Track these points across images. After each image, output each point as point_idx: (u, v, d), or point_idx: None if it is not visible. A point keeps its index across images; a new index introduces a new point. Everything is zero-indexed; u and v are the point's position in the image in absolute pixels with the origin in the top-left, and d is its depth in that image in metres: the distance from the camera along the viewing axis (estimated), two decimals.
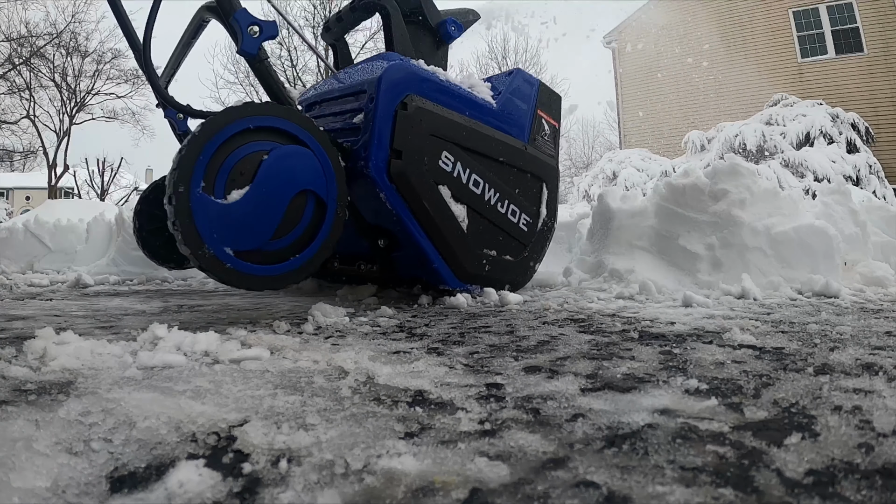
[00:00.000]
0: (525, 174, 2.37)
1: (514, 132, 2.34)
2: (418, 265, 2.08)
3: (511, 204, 2.29)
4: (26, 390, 0.81)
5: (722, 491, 0.50)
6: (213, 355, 1.04)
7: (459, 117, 2.10)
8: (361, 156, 1.87)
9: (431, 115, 2.01)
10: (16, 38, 18.86)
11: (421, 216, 1.98)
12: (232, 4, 1.75)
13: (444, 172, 2.04)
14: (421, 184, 1.96)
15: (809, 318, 1.60)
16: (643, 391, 0.83)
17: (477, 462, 0.57)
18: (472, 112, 2.17)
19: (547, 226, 2.49)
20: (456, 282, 2.14)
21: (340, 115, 2.10)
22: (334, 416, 0.71)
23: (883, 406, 0.73)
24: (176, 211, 1.38)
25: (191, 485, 0.52)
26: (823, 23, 11.84)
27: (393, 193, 1.91)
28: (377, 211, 1.97)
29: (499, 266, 2.26)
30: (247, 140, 1.53)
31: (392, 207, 1.92)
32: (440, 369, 0.97)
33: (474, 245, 2.15)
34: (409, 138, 1.93)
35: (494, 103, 2.29)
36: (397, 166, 1.90)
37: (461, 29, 2.68)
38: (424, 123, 1.98)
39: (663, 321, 1.55)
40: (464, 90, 2.20)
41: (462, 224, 2.09)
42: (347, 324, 1.51)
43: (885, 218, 3.50)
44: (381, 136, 1.89)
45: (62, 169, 22.57)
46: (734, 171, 2.69)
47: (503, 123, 2.30)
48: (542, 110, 2.52)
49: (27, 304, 2.11)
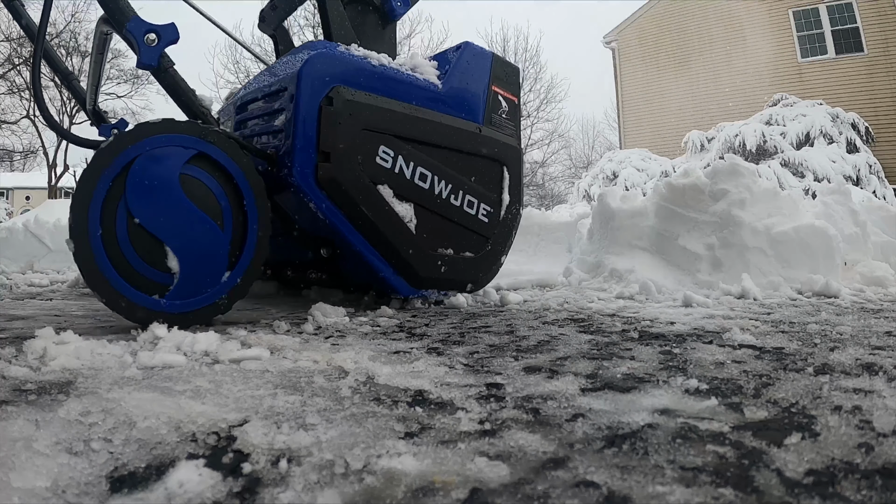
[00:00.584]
0: (481, 159, 2.14)
1: (464, 114, 2.10)
2: (365, 274, 1.93)
3: (466, 194, 2.07)
4: (26, 390, 0.81)
5: (722, 491, 0.50)
6: (213, 355, 1.04)
7: (398, 105, 1.89)
8: (286, 163, 1.68)
9: (362, 107, 1.79)
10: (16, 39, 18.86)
11: (360, 222, 1.78)
12: (124, 14, 1.59)
13: (382, 170, 1.83)
14: (356, 186, 1.76)
15: (809, 318, 1.60)
16: (643, 391, 0.83)
17: (477, 462, 0.57)
18: (412, 98, 1.94)
19: (512, 213, 2.24)
20: (409, 289, 1.97)
21: (264, 116, 1.90)
22: (334, 416, 0.71)
23: (883, 406, 0.73)
24: (75, 255, 1.33)
25: (191, 485, 0.52)
26: (823, 23, 11.84)
27: (324, 201, 1.71)
28: (312, 220, 1.79)
29: (458, 265, 2.06)
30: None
31: (325, 216, 1.73)
32: (440, 369, 0.97)
33: (426, 246, 1.95)
34: (338, 136, 1.73)
35: (440, 84, 2.05)
36: (326, 170, 1.70)
37: (408, 4, 2.41)
38: (355, 117, 1.77)
39: (663, 321, 1.55)
40: (402, 74, 1.96)
41: (409, 225, 1.89)
42: (347, 324, 1.51)
43: (885, 218, 3.50)
44: (304, 139, 1.69)
45: (62, 169, 22.58)
46: (734, 171, 2.69)
47: (451, 107, 2.06)
48: (497, 86, 2.24)
49: (27, 304, 2.11)
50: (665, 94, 13.46)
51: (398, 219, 1.86)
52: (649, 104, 13.76)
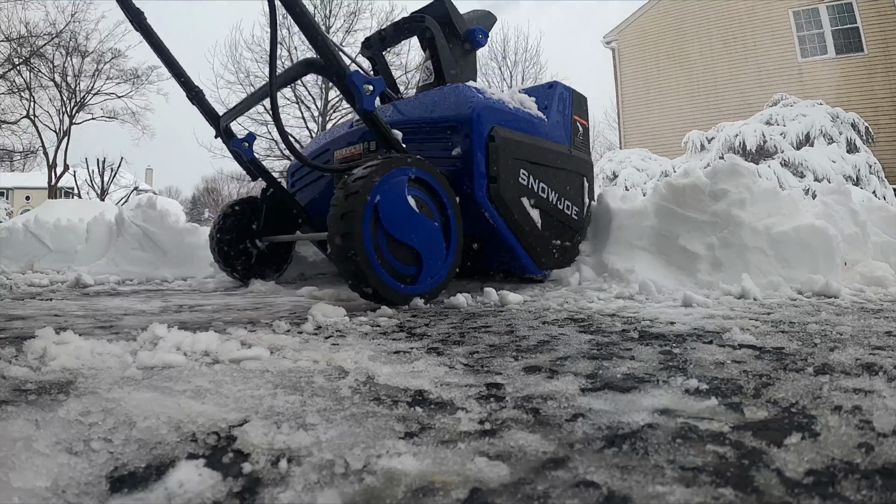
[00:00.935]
0: (571, 173, 2.80)
1: (560, 139, 2.78)
2: (507, 261, 2.61)
3: (566, 200, 2.74)
4: (26, 390, 0.81)
5: (722, 491, 0.50)
6: (213, 355, 1.04)
7: (527, 138, 2.52)
8: (466, 183, 2.30)
9: (510, 142, 2.41)
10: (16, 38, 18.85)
11: (512, 225, 2.43)
12: (343, 68, 2.02)
13: (523, 187, 2.48)
14: (511, 200, 2.41)
15: (809, 318, 1.60)
16: (643, 391, 0.83)
17: (477, 462, 0.57)
18: (532, 131, 2.58)
19: (588, 212, 2.97)
20: (537, 271, 2.64)
21: (433, 143, 2.47)
22: (334, 416, 0.71)
23: (883, 406, 0.73)
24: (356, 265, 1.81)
25: (191, 484, 0.52)
26: (823, 23, 11.84)
27: (492, 211, 2.36)
28: (474, 222, 2.36)
29: (562, 251, 2.75)
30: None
31: (493, 222, 2.38)
32: (440, 369, 0.97)
33: (547, 239, 2.61)
34: (499, 165, 2.34)
35: (545, 118, 2.71)
36: (494, 189, 2.33)
37: (487, 36, 3.00)
38: (507, 150, 2.38)
39: (663, 321, 1.55)
40: (522, 112, 2.58)
41: (538, 225, 2.54)
42: (347, 323, 1.51)
43: (885, 218, 3.50)
44: (478, 166, 2.30)
45: (62, 169, 22.58)
46: (734, 171, 2.69)
47: (553, 134, 2.73)
48: (577, 115, 2.95)
49: (27, 304, 2.11)
50: (665, 94, 13.46)
51: (533, 221, 2.53)
52: (649, 104, 13.75)
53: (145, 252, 3.87)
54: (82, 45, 21.06)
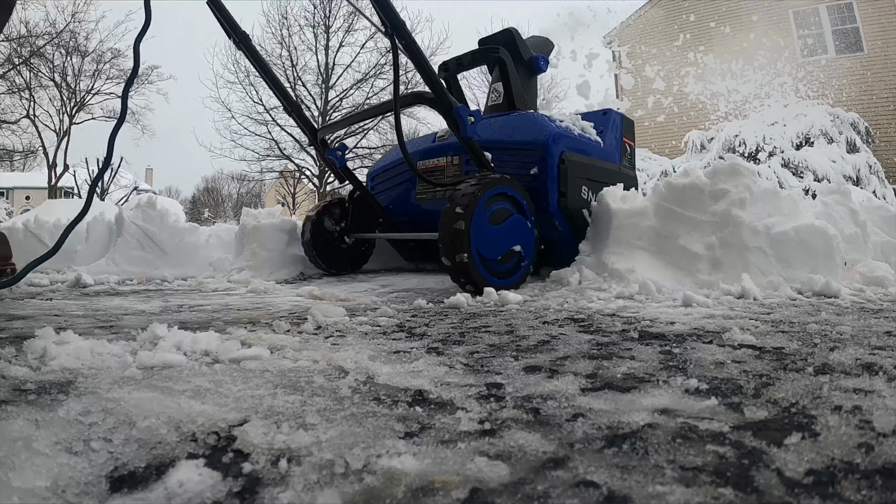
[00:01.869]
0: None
1: (612, 159, 3.22)
2: (566, 259, 2.91)
3: None
4: (26, 390, 0.81)
5: (722, 491, 0.50)
6: (212, 355, 1.04)
7: (587, 159, 2.98)
8: (542, 198, 2.76)
9: (576, 164, 2.86)
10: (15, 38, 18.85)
11: (576, 231, 2.88)
12: (451, 103, 2.45)
13: (584, 200, 2.91)
14: (576, 211, 2.86)
15: (809, 318, 1.60)
16: (643, 391, 0.83)
17: (477, 462, 0.57)
18: (592, 153, 3.04)
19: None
20: None
21: (512, 161, 2.90)
22: (334, 416, 0.71)
23: (883, 406, 0.73)
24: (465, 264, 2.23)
25: (191, 484, 0.52)
26: (823, 23, 11.85)
27: (562, 220, 2.83)
28: (544, 228, 2.75)
29: None
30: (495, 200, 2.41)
31: (562, 229, 2.86)
32: (440, 369, 0.97)
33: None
34: (568, 183, 2.80)
35: (602, 142, 3.17)
36: (563, 203, 2.80)
37: (548, 63, 3.44)
38: (573, 170, 2.83)
39: (663, 321, 1.55)
40: (584, 137, 3.04)
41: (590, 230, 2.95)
42: (347, 323, 1.51)
43: (885, 218, 3.50)
44: (552, 183, 2.77)
45: (62, 169, 22.57)
46: (734, 170, 2.68)
47: (607, 155, 3.18)
48: (626, 136, 3.40)
49: (27, 303, 2.11)
50: (665, 94, 13.45)
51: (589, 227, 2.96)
52: (649, 104, 13.75)
53: (145, 252, 3.87)
54: (82, 44, 21.06)
